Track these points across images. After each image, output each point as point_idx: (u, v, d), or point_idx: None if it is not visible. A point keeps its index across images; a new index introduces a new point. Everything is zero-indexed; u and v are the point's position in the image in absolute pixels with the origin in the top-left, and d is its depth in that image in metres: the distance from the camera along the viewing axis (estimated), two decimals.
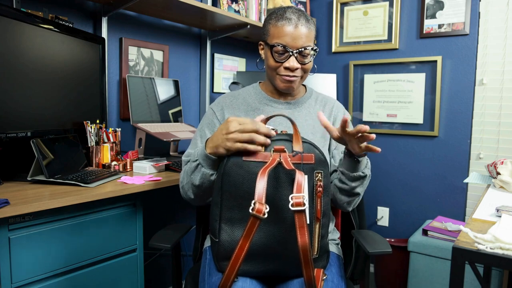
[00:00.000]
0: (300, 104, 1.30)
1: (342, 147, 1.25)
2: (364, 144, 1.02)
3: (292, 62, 1.16)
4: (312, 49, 1.17)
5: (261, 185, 0.89)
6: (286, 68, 1.18)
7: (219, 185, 1.00)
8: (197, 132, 1.28)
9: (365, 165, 1.16)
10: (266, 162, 0.95)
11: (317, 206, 1.00)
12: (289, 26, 1.14)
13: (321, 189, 1.00)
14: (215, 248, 1.03)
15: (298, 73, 1.19)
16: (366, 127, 0.96)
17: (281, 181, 0.98)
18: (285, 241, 0.99)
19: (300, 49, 1.15)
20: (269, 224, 0.98)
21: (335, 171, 1.24)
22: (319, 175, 1.00)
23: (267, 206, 0.88)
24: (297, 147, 0.99)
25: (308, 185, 0.99)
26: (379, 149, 1.00)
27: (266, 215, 0.87)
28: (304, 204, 0.87)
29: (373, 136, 0.98)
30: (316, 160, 1.00)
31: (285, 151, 0.97)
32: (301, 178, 0.91)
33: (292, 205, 0.87)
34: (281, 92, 1.29)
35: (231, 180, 0.98)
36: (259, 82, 1.35)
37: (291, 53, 1.15)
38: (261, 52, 1.27)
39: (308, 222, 0.94)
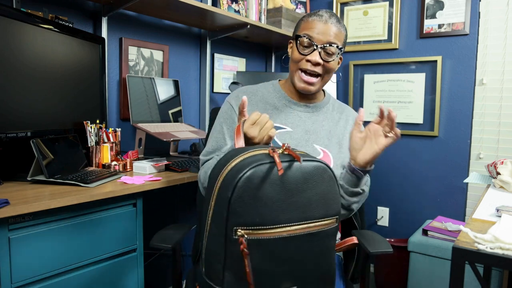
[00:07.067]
0: (318, 109, 1.29)
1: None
2: (393, 131, 1.14)
3: (315, 56, 1.14)
4: (337, 47, 1.15)
5: None
6: (308, 61, 1.15)
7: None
8: (215, 129, 1.24)
9: (365, 182, 1.17)
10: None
11: None
12: (319, 21, 1.15)
13: None
14: None
15: (319, 70, 1.17)
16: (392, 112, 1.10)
17: None
18: None
19: (325, 45, 1.14)
20: None
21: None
22: None
23: None
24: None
25: None
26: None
27: None
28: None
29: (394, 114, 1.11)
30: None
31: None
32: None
33: None
34: (300, 94, 1.25)
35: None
36: (279, 80, 1.33)
37: (315, 47, 1.14)
38: (289, 50, 1.25)
39: None
